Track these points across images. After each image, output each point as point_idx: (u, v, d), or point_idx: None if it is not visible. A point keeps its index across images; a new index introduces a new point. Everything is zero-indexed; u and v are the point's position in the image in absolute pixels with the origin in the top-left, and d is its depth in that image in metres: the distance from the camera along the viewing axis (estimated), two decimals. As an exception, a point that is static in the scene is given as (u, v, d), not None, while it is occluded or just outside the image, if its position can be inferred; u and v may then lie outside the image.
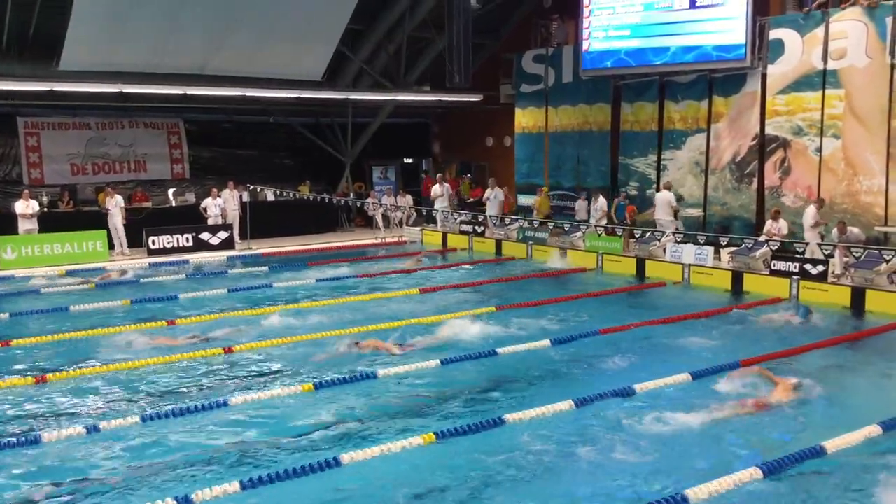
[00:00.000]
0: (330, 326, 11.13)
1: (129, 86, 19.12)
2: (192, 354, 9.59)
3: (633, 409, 7.71)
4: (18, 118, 20.85)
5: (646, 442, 6.95)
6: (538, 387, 8.65)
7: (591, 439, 7.02)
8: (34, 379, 8.57)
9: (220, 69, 19.65)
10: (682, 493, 5.69)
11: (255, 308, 12.50)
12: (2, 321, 11.77)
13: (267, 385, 8.40)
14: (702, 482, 5.88)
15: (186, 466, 6.41)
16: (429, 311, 12.21)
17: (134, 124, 22.51)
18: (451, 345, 10.25)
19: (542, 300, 13.10)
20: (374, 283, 14.92)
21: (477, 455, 6.62)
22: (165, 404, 7.78)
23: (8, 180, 20.97)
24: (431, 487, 6.06)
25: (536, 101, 22.05)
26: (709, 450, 6.83)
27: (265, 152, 25.13)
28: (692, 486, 5.80)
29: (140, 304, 13.02)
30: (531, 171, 22.46)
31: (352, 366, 9.21)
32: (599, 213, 18.64)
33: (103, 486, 6.06)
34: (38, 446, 6.68)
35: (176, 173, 23.28)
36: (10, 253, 16.81)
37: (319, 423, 7.39)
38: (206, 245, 18.99)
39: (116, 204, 18.36)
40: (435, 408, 7.93)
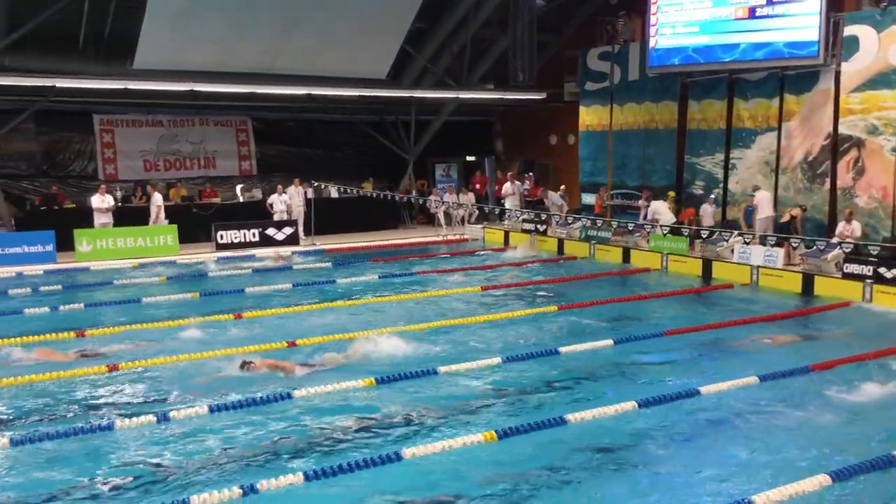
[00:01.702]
0: (389, 323, 11.21)
1: (199, 84, 19.58)
2: (256, 347, 9.76)
3: (699, 412, 7.58)
4: (94, 115, 21.56)
5: (710, 445, 6.82)
6: (600, 386, 8.56)
7: (656, 441, 6.93)
8: (107, 367, 8.84)
9: (287, 68, 19.98)
10: (748, 499, 5.56)
11: (318, 303, 12.68)
12: (77, 312, 12.20)
13: (327, 380, 8.48)
14: (769, 488, 5.74)
15: (253, 456, 6.55)
16: (490, 309, 12.20)
17: (204, 122, 23.07)
18: (510, 344, 10.21)
19: (604, 300, 12.96)
20: (435, 279, 14.97)
21: (537, 454, 6.59)
22: (232, 395, 7.94)
23: (84, 175, 21.72)
24: (490, 485, 6.06)
25: (601, 99, 21.80)
26: (776, 455, 6.66)
27: (330, 150, 25.46)
28: (759, 493, 5.67)
29: (209, 296, 13.33)
30: (595, 169, 22.22)
31: (414, 363, 9.25)
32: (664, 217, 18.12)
33: (172, 473, 6.23)
34: (111, 432, 6.90)
35: (243, 170, 23.77)
36: (86, 245, 17.41)
37: (381, 417, 7.46)
38: (271, 240, 19.35)
39: (155, 202, 18.86)
40: (496, 406, 7.92)
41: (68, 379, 8.48)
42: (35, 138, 21.18)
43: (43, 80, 17.82)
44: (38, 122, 20.80)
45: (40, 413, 7.47)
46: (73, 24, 17.92)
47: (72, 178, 21.56)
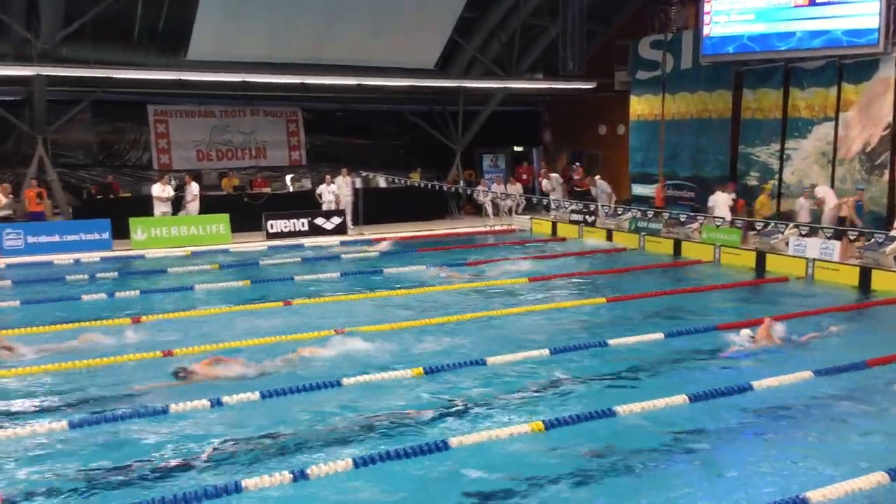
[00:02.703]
0: (438, 313, 11.25)
1: (251, 75, 19.83)
2: (305, 335, 9.87)
3: (751, 407, 7.44)
4: (149, 106, 22.02)
5: (762, 441, 6.69)
6: (650, 379, 8.45)
7: (706, 436, 6.82)
8: (162, 353, 9.03)
9: (337, 58, 20.12)
10: (803, 496, 5.45)
11: (365, 292, 12.76)
12: (132, 298, 12.48)
13: (378, 368, 8.53)
14: (823, 486, 5.61)
15: (302, 442, 6.63)
16: (537, 300, 12.15)
17: (255, 112, 23.38)
18: (558, 336, 10.15)
19: (655, 292, 12.79)
20: (482, 270, 14.95)
21: (585, 445, 6.55)
22: (281, 381, 8.04)
23: (139, 165, 22.22)
24: (537, 475, 6.03)
25: (653, 88, 21.49)
26: (831, 452, 6.50)
27: (378, 140, 25.61)
28: (813, 490, 5.54)
29: (259, 283, 13.52)
30: (646, 160, 21.94)
31: (461, 354, 9.26)
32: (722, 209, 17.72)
33: (224, 457, 6.34)
34: (165, 416, 7.05)
35: (293, 160, 24.05)
36: (141, 234, 17.81)
37: (429, 407, 7.49)
38: (320, 230, 19.54)
39: (191, 192, 19.15)
40: (543, 397, 7.89)
41: (124, 363, 8.68)
42: (92, 129, 21.73)
43: (100, 71, 18.23)
44: (94, 113, 21.33)
45: (98, 397, 7.66)
46: (129, 16, 18.29)
47: (127, 167, 22.08)
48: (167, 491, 5.63)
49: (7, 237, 16.81)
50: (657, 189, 20.65)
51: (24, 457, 6.29)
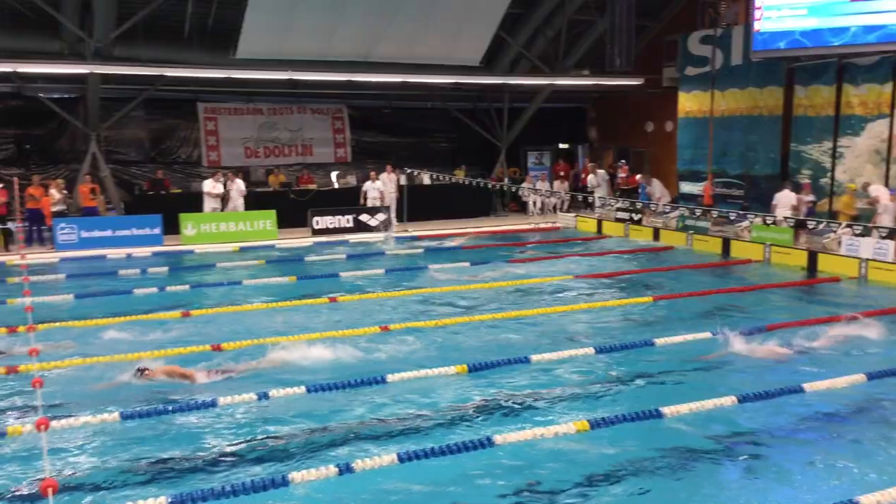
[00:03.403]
0: (482, 310, 11.24)
1: (298, 73, 20.03)
2: (349, 332, 9.94)
3: (802, 409, 7.28)
4: (199, 103, 22.40)
5: (813, 444, 6.55)
6: (698, 380, 8.32)
7: (756, 438, 6.70)
8: (210, 347, 9.17)
9: (383, 56, 20.21)
10: (854, 500, 5.31)
11: (409, 289, 12.80)
12: (182, 293, 12.70)
13: (421, 364, 8.55)
14: (876, 490, 5.47)
15: (347, 436, 6.68)
16: (582, 298, 12.06)
17: (302, 110, 23.63)
18: (603, 334, 10.05)
19: (702, 291, 12.60)
20: (526, 267, 14.89)
21: (630, 445, 6.48)
22: (327, 376, 8.11)
23: (189, 162, 22.62)
24: (581, 474, 5.99)
25: (702, 85, 21.16)
26: (885, 456, 6.34)
27: (422, 137, 25.68)
28: (863, 494, 5.40)
29: (305, 280, 13.65)
30: (695, 157, 21.61)
31: (505, 351, 9.23)
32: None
33: (272, 449, 6.42)
34: (214, 408, 7.16)
35: (339, 157, 24.24)
36: (191, 229, 18.13)
37: (473, 404, 7.49)
38: (365, 226, 19.67)
39: (237, 188, 19.38)
40: (588, 396, 7.83)
41: (174, 357, 8.84)
42: (144, 126, 22.19)
43: (153, 70, 18.60)
44: (146, 110, 21.76)
45: (149, 389, 7.81)
46: (179, 15, 18.61)
47: (177, 164, 22.49)
48: (216, 482, 5.71)
49: (61, 232, 17.25)
50: (705, 187, 20.32)
51: (77, 447, 6.44)
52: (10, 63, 17.28)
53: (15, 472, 5.96)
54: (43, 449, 5.12)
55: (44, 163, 21.03)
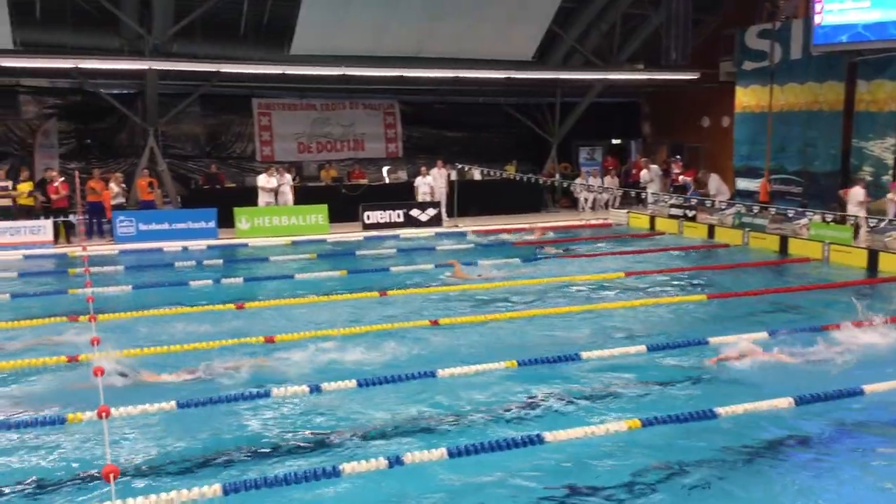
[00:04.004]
0: (532, 306, 11.20)
1: (351, 69, 20.17)
2: (400, 324, 9.99)
3: (861, 412, 7.08)
4: (253, 99, 22.73)
5: (871, 448, 6.36)
6: (753, 380, 8.14)
7: (812, 440, 6.54)
8: (263, 338, 9.30)
9: (435, 51, 20.22)
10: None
11: (459, 284, 12.79)
12: (236, 285, 12.92)
13: (471, 359, 8.54)
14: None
15: (397, 429, 6.72)
16: (634, 295, 11.92)
17: (354, 105, 23.82)
18: (656, 332, 9.91)
19: (758, 290, 12.34)
20: (577, 264, 14.77)
21: (683, 446, 6.39)
22: (377, 370, 8.16)
23: (243, 157, 23.00)
24: (632, 473, 5.92)
25: (760, 79, 20.69)
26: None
27: (473, 132, 25.65)
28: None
29: (356, 274, 13.75)
30: (752, 153, 21.16)
31: (555, 347, 9.17)
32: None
33: (324, 441, 6.50)
34: (267, 398, 7.27)
35: (390, 152, 24.36)
36: (245, 223, 18.43)
37: (523, 399, 7.46)
38: (415, 221, 19.73)
39: (287, 182, 19.58)
40: (640, 394, 7.73)
41: (228, 347, 8.99)
42: (200, 121, 22.60)
43: (209, 66, 18.92)
44: (202, 106, 22.15)
45: (203, 379, 7.95)
46: (235, 12, 18.90)
47: (232, 158, 22.88)
48: (269, 471, 5.80)
49: (120, 224, 17.68)
50: (762, 183, 19.89)
51: (136, 434, 6.60)
52: (72, 59, 17.74)
53: (77, 458, 6.13)
54: (104, 436, 5.25)
55: (104, 157, 21.59)
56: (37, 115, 21.16)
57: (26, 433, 6.51)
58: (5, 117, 20.92)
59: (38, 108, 21.22)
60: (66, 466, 6.01)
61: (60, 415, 6.61)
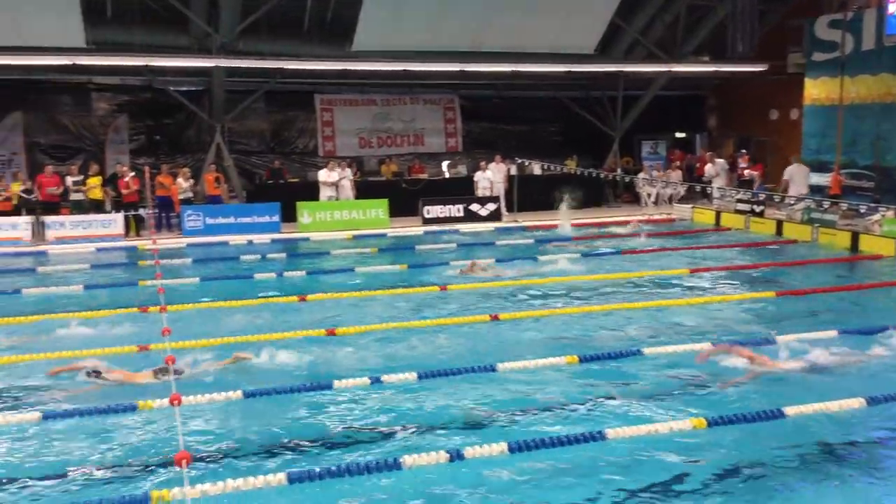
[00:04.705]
0: (593, 302, 11.09)
1: (411, 64, 20.29)
2: (461, 319, 10.01)
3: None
4: (316, 95, 23.04)
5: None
6: (822, 380, 7.92)
7: (885, 444, 6.33)
8: (326, 331, 9.44)
9: (495, 45, 20.16)
10: None
11: (520, 279, 12.76)
12: (299, 278, 13.13)
13: (531, 354, 8.51)
14: None
15: (457, 423, 6.75)
16: (699, 292, 11.71)
17: (414, 100, 23.94)
18: (721, 330, 9.72)
19: (828, 287, 11.99)
20: (640, 259, 14.58)
21: (750, 445, 6.26)
22: (439, 363, 8.19)
23: (306, 152, 23.37)
24: (697, 473, 5.83)
25: (830, 71, 20.07)
26: None
27: (533, 126, 25.51)
28: None
29: (416, 268, 13.84)
30: (821, 146, 20.54)
31: (617, 343, 9.07)
32: None
33: (384, 434, 6.56)
34: (329, 390, 7.37)
35: (450, 147, 24.42)
36: (307, 217, 18.71)
37: (584, 395, 7.40)
38: (475, 216, 19.74)
39: (347, 176, 19.72)
40: (704, 393, 7.59)
41: (292, 339, 9.15)
42: (264, 117, 23.02)
43: (274, 63, 19.26)
44: (267, 103, 22.54)
45: (269, 370, 8.11)
46: (299, 9, 19.18)
47: (295, 154, 23.26)
48: (332, 462, 5.88)
49: (188, 218, 18.14)
50: (832, 178, 19.28)
51: (204, 423, 6.76)
52: (142, 57, 18.26)
53: (149, 445, 6.33)
54: (177, 423, 5.40)
55: (172, 152, 22.19)
56: (108, 112, 21.87)
57: (100, 420, 6.73)
58: (78, 114, 21.68)
59: (110, 105, 21.93)
60: (138, 452, 6.20)
61: (132, 402, 6.82)
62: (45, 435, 6.48)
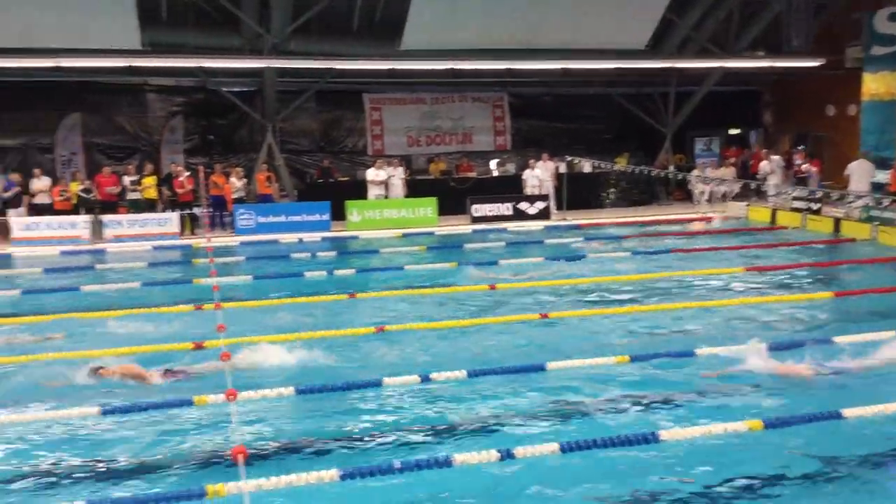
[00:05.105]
0: (644, 301, 10.96)
1: (460, 62, 20.29)
2: (510, 317, 9.98)
3: None
4: (364, 94, 23.19)
5: None
6: (881, 382, 7.69)
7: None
8: (375, 329, 9.49)
9: (544, 42, 20.05)
10: None
11: (569, 278, 12.67)
12: (349, 276, 13.23)
13: (580, 353, 8.44)
14: None
15: (507, 422, 6.72)
16: (754, 292, 11.48)
17: (463, 98, 23.93)
18: (777, 330, 9.51)
19: (889, 287, 11.63)
20: (693, 258, 14.35)
21: (806, 447, 6.11)
22: (491, 362, 8.17)
23: (355, 151, 23.55)
24: (752, 476, 5.71)
25: (890, 65, 19.49)
26: None
27: (584, 124, 25.29)
28: None
29: (464, 266, 13.82)
30: (880, 143, 19.96)
31: (669, 343, 8.94)
32: None
33: (435, 431, 6.57)
34: (379, 388, 7.41)
35: (498, 145, 24.36)
36: (356, 215, 18.85)
37: (635, 395, 7.31)
38: (524, 214, 19.66)
39: (399, 175, 19.77)
40: (761, 394, 7.43)
41: (343, 336, 9.23)
42: (314, 117, 23.26)
43: (324, 63, 19.45)
44: (317, 102, 22.77)
45: (320, 367, 8.19)
46: (349, 9, 19.33)
47: (344, 153, 23.45)
48: (382, 459, 5.92)
49: (241, 217, 18.43)
50: (892, 174, 18.70)
51: (258, 418, 6.85)
52: (196, 59, 18.60)
53: (205, 439, 6.44)
54: (232, 418, 5.47)
55: (225, 152, 22.56)
56: (163, 113, 22.34)
57: (156, 414, 6.87)
58: (135, 115, 22.18)
59: (165, 106, 22.40)
60: (192, 447, 6.32)
61: (188, 397, 6.95)
62: (103, 429, 6.63)
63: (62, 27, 17.08)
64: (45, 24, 17.00)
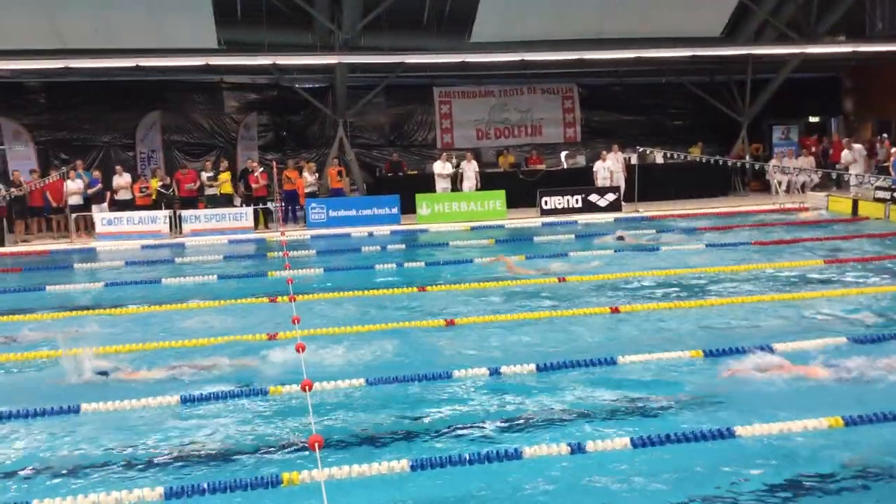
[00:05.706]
0: (719, 294, 10.72)
1: (529, 53, 20.14)
2: (577, 311, 9.91)
3: None
4: (434, 88, 23.30)
5: None
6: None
7: None
8: (445, 322, 9.55)
9: (615, 31, 19.73)
10: None
11: (641, 270, 12.48)
12: (418, 269, 13.33)
13: (653, 347, 8.32)
14: None
15: (577, 415, 6.68)
16: (834, 285, 11.12)
17: (532, 90, 23.80)
18: (858, 324, 9.17)
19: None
20: (770, 251, 13.96)
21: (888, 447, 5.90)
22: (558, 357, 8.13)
23: (424, 144, 23.71)
24: (832, 474, 5.55)
25: (983, 46, 18.55)
26: None
27: (655, 114, 24.88)
28: None
29: (533, 259, 13.77)
30: (971, 129, 19.04)
31: (742, 338, 8.73)
32: None
33: (506, 425, 6.58)
34: (449, 380, 7.46)
35: (568, 137, 24.16)
36: (425, 209, 18.97)
37: (710, 390, 7.16)
38: (594, 206, 19.45)
39: (473, 168, 19.73)
40: (839, 391, 7.17)
41: (412, 328, 9.32)
42: (384, 111, 23.50)
43: (394, 57, 19.59)
44: (387, 97, 22.98)
45: (390, 359, 8.28)
46: (419, 3, 19.39)
47: (413, 147, 23.63)
48: (453, 451, 5.95)
49: (313, 211, 18.76)
50: None
51: (332, 408, 6.99)
52: (270, 56, 18.97)
53: (280, 428, 6.59)
54: (308, 407, 5.61)
55: (298, 148, 23.01)
56: (239, 110, 22.90)
57: (232, 403, 7.07)
58: (211, 112, 22.79)
59: (240, 103, 22.97)
60: (268, 435, 6.48)
61: (264, 387, 7.13)
62: (182, 417, 6.86)
63: (141, 27, 17.65)
64: (125, 25, 17.60)
